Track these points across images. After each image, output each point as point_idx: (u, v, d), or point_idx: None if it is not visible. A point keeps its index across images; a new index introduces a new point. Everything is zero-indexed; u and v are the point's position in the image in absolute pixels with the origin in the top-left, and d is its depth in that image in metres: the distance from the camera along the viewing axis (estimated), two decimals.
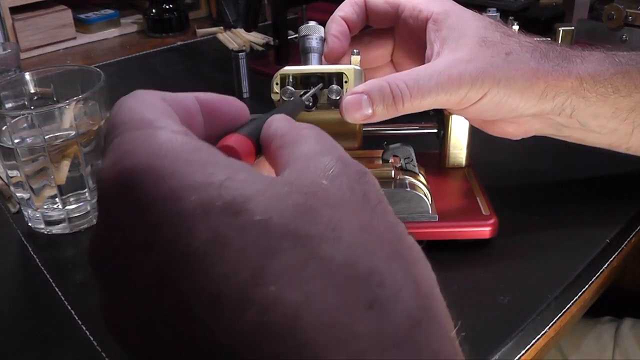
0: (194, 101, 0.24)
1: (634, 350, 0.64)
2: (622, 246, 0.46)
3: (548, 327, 0.39)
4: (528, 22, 0.81)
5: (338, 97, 0.39)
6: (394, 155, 0.46)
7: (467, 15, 0.42)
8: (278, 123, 0.24)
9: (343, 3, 0.45)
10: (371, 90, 0.38)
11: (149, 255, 0.17)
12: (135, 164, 0.18)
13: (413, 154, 0.47)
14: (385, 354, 0.16)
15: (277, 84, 0.40)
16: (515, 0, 0.90)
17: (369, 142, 0.47)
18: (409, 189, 0.43)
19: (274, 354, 0.15)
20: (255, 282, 0.16)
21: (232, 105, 0.25)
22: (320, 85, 0.39)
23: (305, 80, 0.41)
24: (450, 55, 0.40)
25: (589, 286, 0.42)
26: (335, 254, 0.17)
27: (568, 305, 0.40)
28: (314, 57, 0.41)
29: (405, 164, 0.46)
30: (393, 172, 0.45)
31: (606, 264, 0.44)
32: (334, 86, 0.39)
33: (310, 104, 0.40)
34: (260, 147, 0.24)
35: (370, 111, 0.38)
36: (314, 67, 0.41)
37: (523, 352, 0.37)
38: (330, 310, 0.16)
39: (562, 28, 0.69)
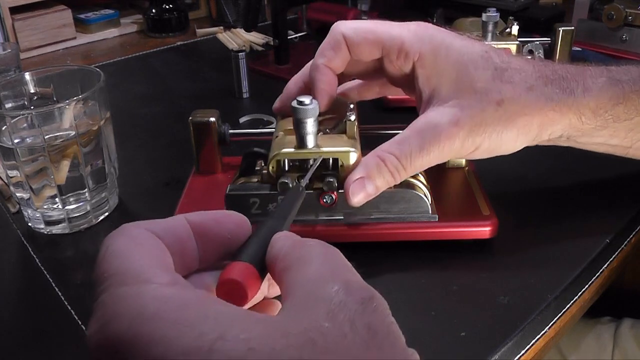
0: (185, 226, 0.24)
1: (633, 350, 0.64)
2: (622, 246, 0.46)
3: (548, 327, 0.39)
4: (528, 22, 0.82)
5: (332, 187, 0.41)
6: None
7: (455, 52, 0.40)
8: (281, 241, 0.24)
9: (323, 47, 0.43)
10: (369, 172, 0.39)
11: None
12: (121, 331, 0.18)
13: None
14: None
15: (272, 167, 0.41)
16: (515, 0, 0.90)
17: (369, 142, 0.47)
18: (409, 189, 0.43)
19: None
20: None
21: (228, 223, 0.25)
22: (317, 163, 0.40)
23: (301, 163, 0.42)
24: (440, 109, 0.39)
25: (588, 286, 0.42)
26: None
27: (568, 305, 0.40)
28: (309, 139, 0.41)
29: None
30: None
31: (606, 264, 0.44)
32: (329, 179, 0.41)
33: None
34: (264, 268, 0.24)
35: (373, 188, 0.40)
36: (310, 150, 0.41)
37: (523, 352, 0.37)
38: None
39: (562, 28, 0.69)
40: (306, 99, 0.39)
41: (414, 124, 0.40)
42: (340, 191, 0.42)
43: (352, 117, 0.42)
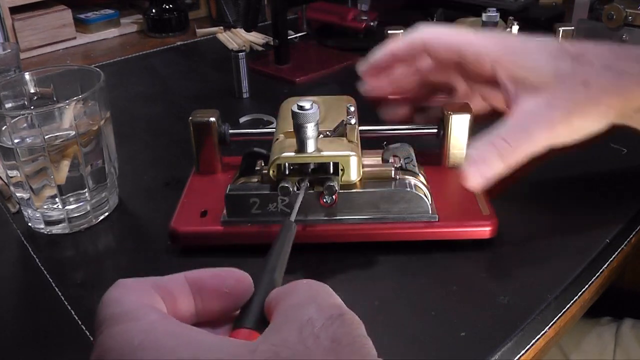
0: (180, 281, 0.25)
1: (635, 349, 0.64)
2: (622, 246, 0.46)
3: (548, 327, 0.39)
4: (528, 22, 0.82)
5: (332, 196, 0.42)
6: (394, 155, 0.46)
7: (531, 48, 0.42)
8: (275, 289, 0.26)
9: (400, 40, 0.47)
10: (483, 157, 0.40)
11: None
12: None
13: (413, 154, 0.47)
14: None
15: (273, 171, 0.42)
16: (515, 0, 0.90)
17: (369, 142, 0.47)
18: (409, 189, 0.43)
19: None
20: None
21: (228, 279, 0.26)
22: (303, 193, 0.41)
23: (301, 167, 0.42)
24: (532, 99, 0.41)
25: (588, 286, 0.42)
26: None
27: (568, 305, 0.40)
28: (310, 143, 0.41)
29: (405, 164, 0.46)
30: (393, 172, 0.45)
31: (606, 264, 0.44)
32: (329, 184, 0.41)
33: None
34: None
35: (490, 173, 0.40)
36: (310, 155, 0.41)
37: (523, 352, 0.37)
38: None
39: (562, 28, 0.69)
40: (306, 104, 0.40)
41: (512, 115, 0.41)
42: (340, 192, 0.42)
43: (353, 121, 0.42)
